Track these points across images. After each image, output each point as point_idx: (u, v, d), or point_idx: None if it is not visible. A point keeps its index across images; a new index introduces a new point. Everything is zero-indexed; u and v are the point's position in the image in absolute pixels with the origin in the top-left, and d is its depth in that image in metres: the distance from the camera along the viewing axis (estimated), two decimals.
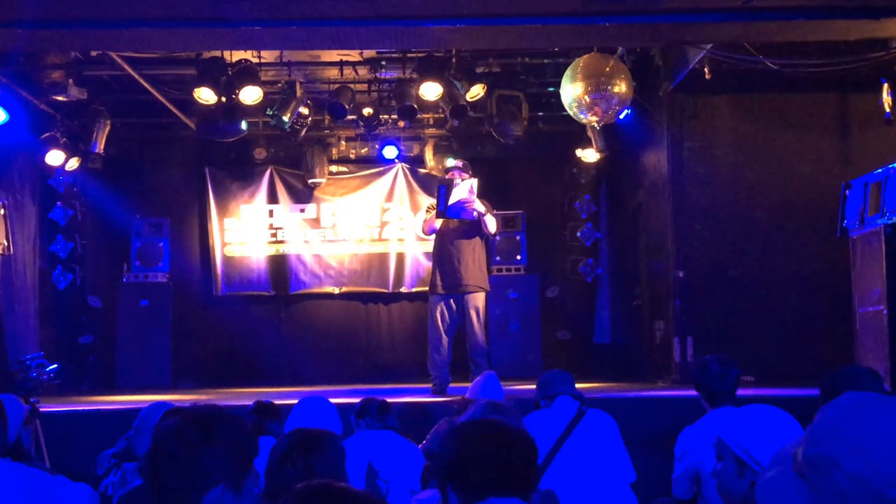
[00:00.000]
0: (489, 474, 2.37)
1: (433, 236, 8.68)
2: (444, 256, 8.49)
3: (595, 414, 4.84)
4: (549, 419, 4.78)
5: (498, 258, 11.65)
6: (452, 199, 8.18)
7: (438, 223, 8.49)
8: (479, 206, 8.29)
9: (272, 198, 12.39)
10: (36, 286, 11.09)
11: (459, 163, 8.55)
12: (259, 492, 3.32)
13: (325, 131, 12.13)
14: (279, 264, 12.37)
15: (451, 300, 8.43)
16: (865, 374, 4.24)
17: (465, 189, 8.22)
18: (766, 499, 1.86)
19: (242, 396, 5.87)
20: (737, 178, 9.79)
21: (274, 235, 12.40)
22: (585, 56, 8.75)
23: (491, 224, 8.43)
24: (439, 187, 8.30)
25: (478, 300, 8.44)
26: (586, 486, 4.55)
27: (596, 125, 9.52)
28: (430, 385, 8.43)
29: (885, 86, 8.38)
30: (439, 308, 8.44)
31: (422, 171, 12.32)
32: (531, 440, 2.52)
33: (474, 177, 8.44)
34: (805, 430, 1.58)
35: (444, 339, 8.42)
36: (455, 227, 8.45)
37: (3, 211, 9.30)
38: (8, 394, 4.43)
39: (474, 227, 8.43)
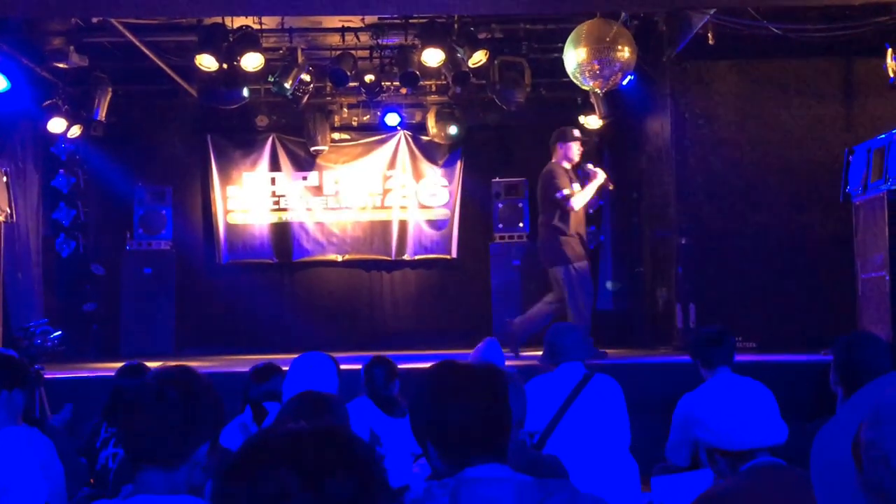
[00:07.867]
0: (467, 434, 2.32)
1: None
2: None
3: (600, 378, 4.85)
4: (555, 383, 4.79)
5: (500, 226, 11.64)
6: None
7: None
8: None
9: (274, 165, 12.37)
10: (39, 254, 11.11)
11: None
12: None
13: (327, 98, 12.07)
14: (282, 232, 12.37)
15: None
16: (878, 341, 4.26)
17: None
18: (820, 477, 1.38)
19: (246, 363, 5.88)
20: (740, 144, 9.76)
21: (276, 203, 12.38)
22: (588, 22, 8.69)
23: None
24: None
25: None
26: (589, 451, 4.56)
27: (599, 91, 9.47)
28: (431, 352, 8.46)
29: (889, 51, 8.32)
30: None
31: (424, 138, 12.27)
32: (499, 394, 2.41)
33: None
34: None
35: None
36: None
37: (5, 178, 9.29)
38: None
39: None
